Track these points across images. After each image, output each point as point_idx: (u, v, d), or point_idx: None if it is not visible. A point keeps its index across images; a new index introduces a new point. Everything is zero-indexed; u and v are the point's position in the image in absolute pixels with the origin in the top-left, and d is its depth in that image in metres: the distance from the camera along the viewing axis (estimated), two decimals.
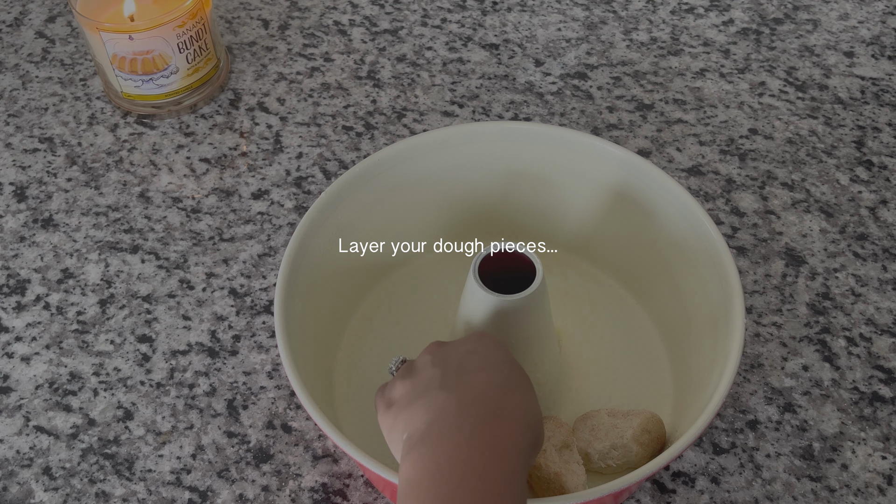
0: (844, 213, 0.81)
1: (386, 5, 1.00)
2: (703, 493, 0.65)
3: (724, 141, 0.86)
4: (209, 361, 0.72)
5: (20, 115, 0.90)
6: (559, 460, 0.61)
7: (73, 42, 0.97)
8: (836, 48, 0.95)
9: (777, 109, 0.89)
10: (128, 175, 0.85)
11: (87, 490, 0.66)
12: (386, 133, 0.87)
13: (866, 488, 0.65)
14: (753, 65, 0.93)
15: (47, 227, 0.81)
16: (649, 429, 0.63)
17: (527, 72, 0.93)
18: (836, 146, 0.86)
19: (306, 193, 0.83)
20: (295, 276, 0.64)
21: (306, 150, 0.86)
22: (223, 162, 0.85)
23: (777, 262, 0.77)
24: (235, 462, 0.67)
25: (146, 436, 0.68)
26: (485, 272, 0.60)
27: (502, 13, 0.99)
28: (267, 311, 0.75)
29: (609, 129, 0.87)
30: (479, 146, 0.71)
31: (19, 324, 0.75)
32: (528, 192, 0.74)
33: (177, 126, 0.89)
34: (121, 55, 0.84)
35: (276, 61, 0.94)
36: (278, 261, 0.78)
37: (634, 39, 0.96)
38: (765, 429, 0.68)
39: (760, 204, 0.81)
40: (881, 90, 0.91)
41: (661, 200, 0.68)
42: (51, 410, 0.70)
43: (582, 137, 0.70)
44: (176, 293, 0.76)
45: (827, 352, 0.72)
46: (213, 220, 0.81)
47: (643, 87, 0.91)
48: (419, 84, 0.92)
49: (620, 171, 0.69)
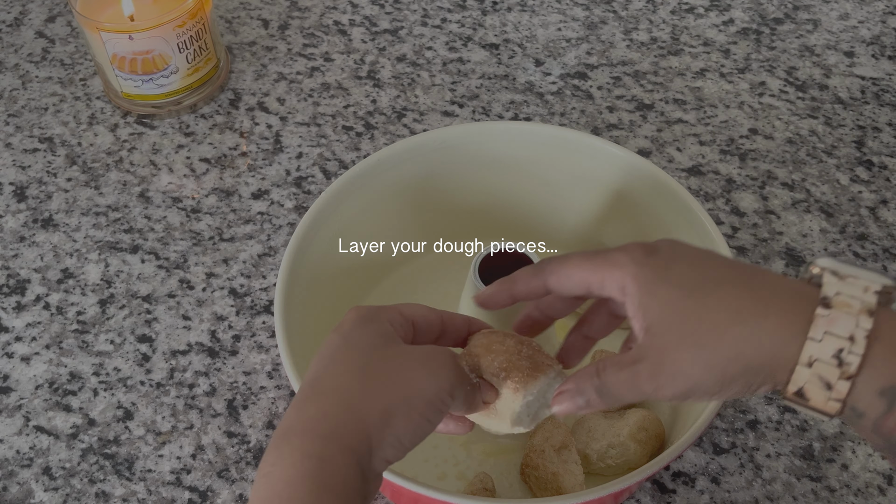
0: (844, 213, 0.81)
1: (386, 5, 1.00)
2: (704, 493, 0.65)
3: (724, 141, 0.86)
4: (209, 361, 0.72)
5: (20, 115, 0.90)
6: (557, 460, 0.61)
7: (73, 42, 0.97)
8: (837, 48, 0.95)
9: (777, 109, 0.89)
10: (128, 175, 0.85)
11: (87, 490, 0.66)
12: (386, 133, 0.87)
13: (866, 488, 0.65)
14: (753, 65, 0.93)
15: (47, 227, 0.81)
16: (646, 426, 0.63)
17: (527, 72, 0.93)
18: (836, 146, 0.86)
19: (306, 193, 0.83)
20: (295, 276, 0.64)
21: (306, 150, 0.86)
22: (223, 162, 0.85)
23: (777, 262, 0.77)
24: (235, 462, 0.67)
25: (146, 436, 0.68)
26: (485, 272, 0.60)
27: (502, 13, 0.99)
28: (267, 311, 0.75)
29: (609, 129, 0.87)
30: (478, 146, 0.71)
31: (19, 324, 0.75)
32: (527, 192, 0.74)
33: (177, 126, 0.89)
34: (121, 55, 0.84)
35: (276, 61, 0.94)
36: (278, 261, 0.78)
37: (634, 39, 0.96)
38: (765, 429, 0.68)
39: (761, 204, 0.81)
40: (881, 90, 0.91)
41: (661, 200, 0.68)
42: (51, 410, 0.70)
43: (582, 137, 0.70)
44: (176, 293, 0.76)
45: None
46: (213, 220, 0.81)
47: (643, 87, 0.91)
48: (419, 84, 0.92)
49: (620, 171, 0.69)
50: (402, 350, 0.47)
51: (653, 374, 0.44)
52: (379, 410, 0.44)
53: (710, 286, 0.44)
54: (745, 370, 0.43)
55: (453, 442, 0.66)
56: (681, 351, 0.44)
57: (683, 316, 0.44)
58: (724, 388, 0.44)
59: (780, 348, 0.42)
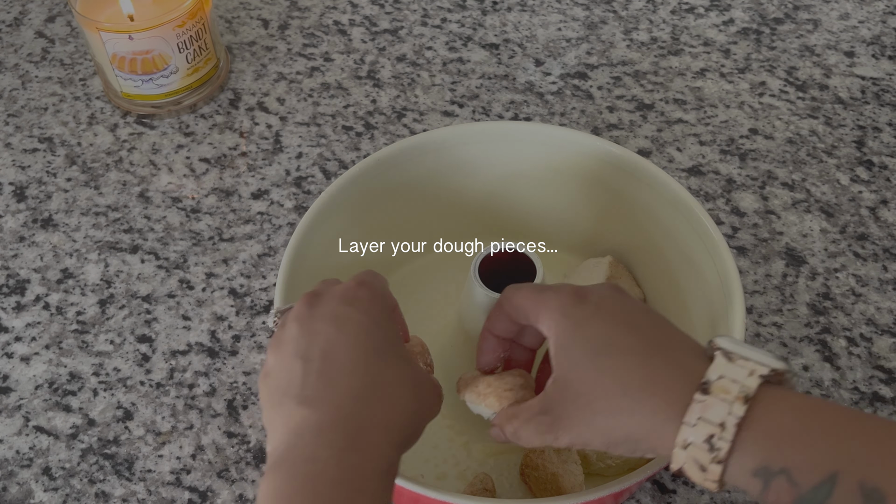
0: (845, 213, 0.81)
1: (386, 5, 1.00)
2: (704, 493, 0.65)
3: (724, 141, 0.86)
4: (209, 361, 0.72)
5: (20, 115, 0.90)
6: (557, 461, 0.61)
7: (72, 42, 0.97)
8: (837, 48, 0.95)
9: (777, 109, 0.89)
10: (127, 175, 0.85)
11: (87, 490, 0.66)
12: (386, 133, 0.87)
13: None
14: (754, 65, 0.93)
15: (47, 227, 0.81)
16: None
17: (527, 72, 0.93)
18: (836, 146, 0.86)
19: (306, 193, 0.83)
20: (295, 276, 0.64)
21: (306, 150, 0.86)
22: (223, 162, 0.85)
23: (777, 262, 0.77)
24: (235, 462, 0.67)
25: (146, 436, 0.68)
26: (485, 272, 0.60)
27: (502, 13, 0.99)
28: (267, 311, 0.75)
29: (609, 129, 0.87)
30: (479, 146, 0.71)
31: (19, 324, 0.75)
32: (528, 192, 0.74)
33: (176, 126, 0.89)
34: (120, 55, 0.84)
35: (275, 61, 0.94)
36: (278, 261, 0.78)
37: (634, 39, 0.96)
38: None
39: (761, 204, 0.81)
40: (881, 90, 0.91)
41: (661, 200, 0.68)
42: (50, 410, 0.70)
43: (582, 137, 0.70)
44: (176, 293, 0.76)
45: (827, 352, 0.72)
46: (213, 220, 0.81)
47: (643, 87, 0.91)
48: (419, 84, 0.92)
49: (620, 171, 0.69)
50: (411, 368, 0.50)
51: (551, 428, 0.48)
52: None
53: (612, 353, 0.46)
54: (626, 439, 0.46)
55: (453, 442, 0.66)
56: (576, 410, 0.47)
57: (583, 379, 0.47)
58: (609, 448, 0.47)
59: (658, 428, 0.44)
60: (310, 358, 0.47)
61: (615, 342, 0.47)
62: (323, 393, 0.46)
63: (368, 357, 0.48)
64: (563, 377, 0.47)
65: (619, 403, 0.45)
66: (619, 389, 0.45)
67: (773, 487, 0.41)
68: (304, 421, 0.45)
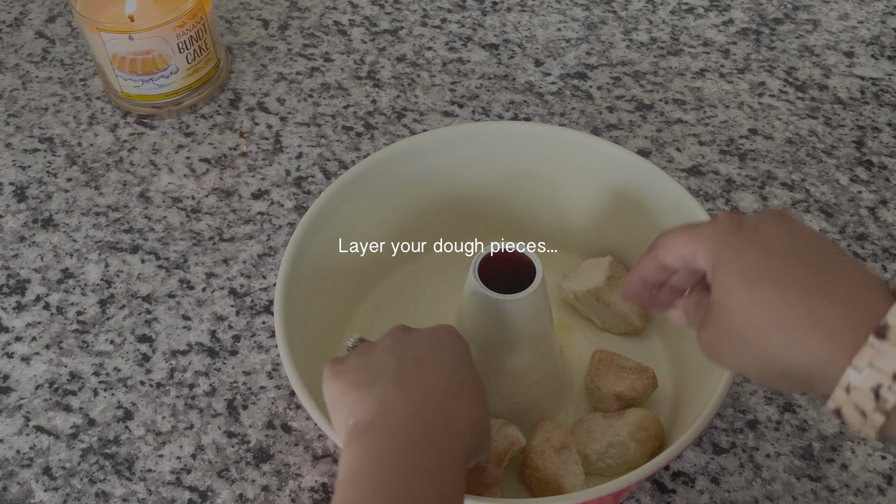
0: (844, 213, 0.81)
1: (386, 5, 1.00)
2: (703, 493, 0.65)
3: (723, 141, 0.86)
4: (209, 361, 0.72)
5: (20, 115, 0.90)
6: (557, 461, 0.61)
7: (73, 42, 0.97)
8: (836, 48, 0.95)
9: (777, 109, 0.89)
10: (128, 175, 0.85)
11: (87, 490, 0.66)
12: (386, 133, 0.87)
13: (866, 488, 0.65)
14: (753, 65, 0.93)
15: (47, 227, 0.81)
16: (645, 426, 0.63)
17: (527, 72, 0.93)
18: (835, 146, 0.86)
19: (306, 193, 0.83)
20: (295, 276, 0.64)
21: (306, 150, 0.86)
22: (223, 162, 0.86)
23: None
24: (235, 462, 0.67)
25: (146, 436, 0.68)
26: (485, 272, 0.60)
27: (502, 13, 0.99)
28: (267, 311, 0.75)
29: (609, 129, 0.87)
30: (479, 146, 0.71)
31: (19, 324, 0.75)
32: (528, 192, 0.74)
33: (177, 126, 0.89)
34: (121, 55, 0.84)
35: (276, 61, 0.94)
36: (278, 261, 0.78)
37: (634, 39, 0.96)
38: (765, 429, 0.68)
39: (760, 204, 0.81)
40: (881, 90, 0.91)
41: (661, 200, 0.68)
42: (51, 410, 0.70)
43: (582, 137, 0.70)
44: (176, 293, 0.76)
45: None
46: (213, 220, 0.81)
47: (643, 87, 0.91)
48: (419, 84, 0.92)
49: (620, 171, 0.69)
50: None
51: (706, 347, 0.47)
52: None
53: (766, 284, 0.43)
54: (781, 374, 0.43)
55: None
56: (728, 341, 0.45)
57: (735, 309, 0.44)
58: (764, 382, 0.45)
59: (820, 367, 0.41)
60: (404, 356, 0.53)
61: (770, 272, 0.43)
62: (417, 380, 0.51)
63: (456, 362, 0.54)
64: (719, 304, 0.45)
65: (771, 338, 0.42)
66: (775, 321, 0.42)
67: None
68: (398, 397, 0.50)
